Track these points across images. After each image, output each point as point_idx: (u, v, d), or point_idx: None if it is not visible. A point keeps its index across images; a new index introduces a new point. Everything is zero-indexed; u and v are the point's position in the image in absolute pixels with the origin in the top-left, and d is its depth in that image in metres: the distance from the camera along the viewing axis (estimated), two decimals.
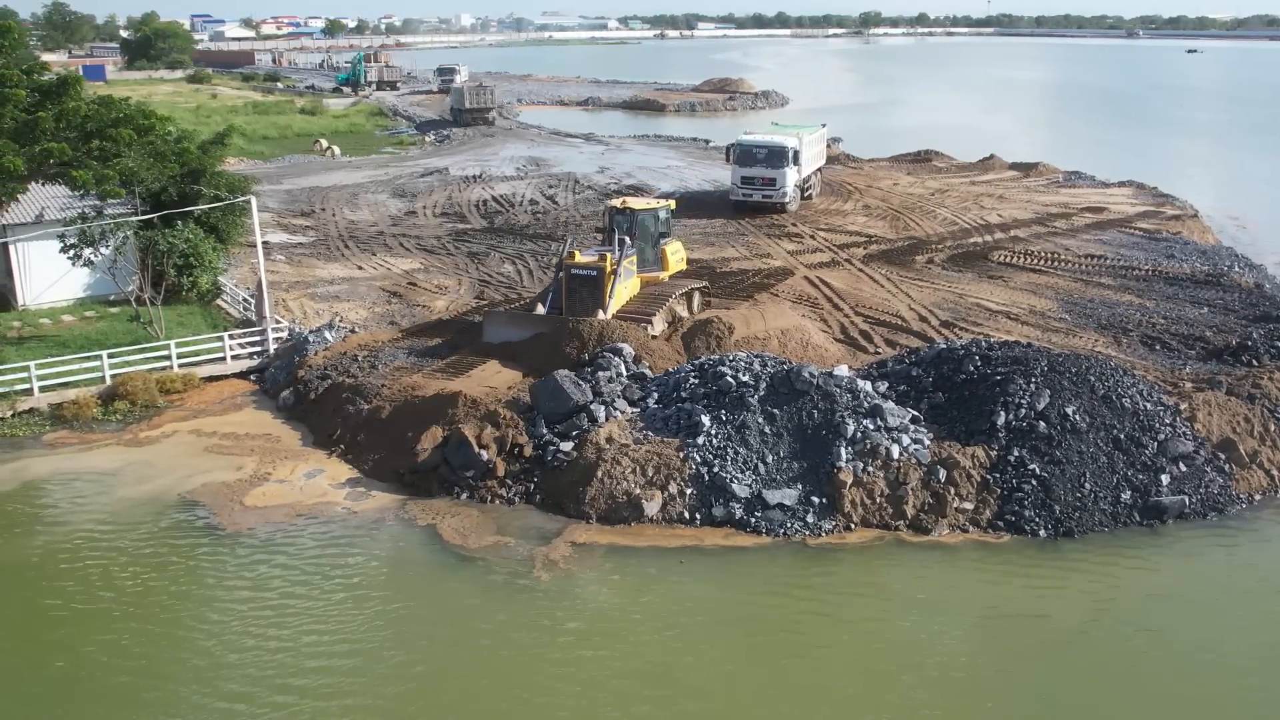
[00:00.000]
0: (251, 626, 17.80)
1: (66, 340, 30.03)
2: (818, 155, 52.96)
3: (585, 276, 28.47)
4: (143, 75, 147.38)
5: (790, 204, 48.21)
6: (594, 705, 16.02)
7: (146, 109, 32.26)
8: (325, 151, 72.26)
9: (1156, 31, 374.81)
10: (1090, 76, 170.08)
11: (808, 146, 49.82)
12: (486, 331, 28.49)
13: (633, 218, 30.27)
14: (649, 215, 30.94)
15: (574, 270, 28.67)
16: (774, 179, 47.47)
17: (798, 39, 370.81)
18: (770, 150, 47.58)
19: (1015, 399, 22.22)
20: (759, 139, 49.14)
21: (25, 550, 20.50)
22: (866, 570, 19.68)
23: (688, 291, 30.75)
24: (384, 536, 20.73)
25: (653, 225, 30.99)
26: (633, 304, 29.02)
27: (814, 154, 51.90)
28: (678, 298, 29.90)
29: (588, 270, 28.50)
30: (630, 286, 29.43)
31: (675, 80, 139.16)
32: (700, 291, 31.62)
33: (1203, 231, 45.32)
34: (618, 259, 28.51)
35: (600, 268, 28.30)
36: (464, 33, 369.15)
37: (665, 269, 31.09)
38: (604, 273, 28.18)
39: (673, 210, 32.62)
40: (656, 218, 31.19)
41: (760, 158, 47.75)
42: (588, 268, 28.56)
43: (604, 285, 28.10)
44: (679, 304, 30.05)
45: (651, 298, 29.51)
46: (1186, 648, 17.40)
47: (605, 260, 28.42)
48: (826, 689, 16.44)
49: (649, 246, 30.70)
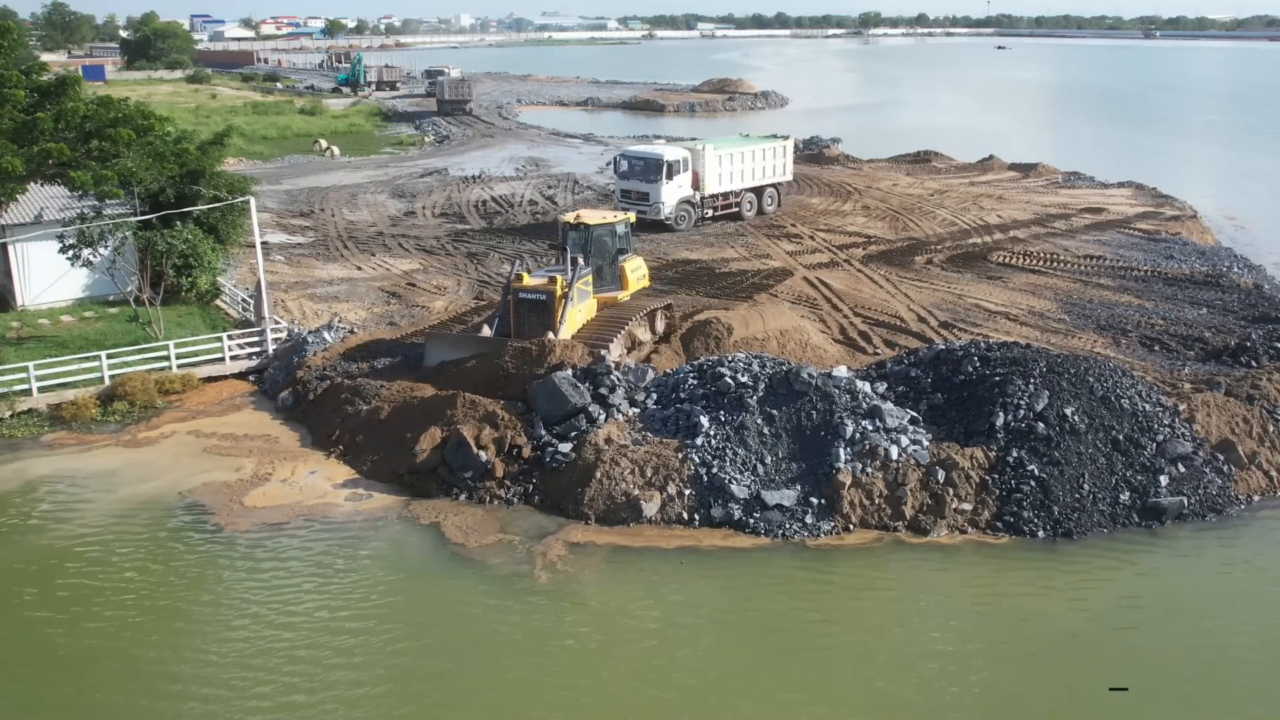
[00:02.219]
0: (251, 626, 17.78)
1: (65, 341, 30.02)
2: (772, 169, 48.82)
3: (534, 302, 26.10)
4: (142, 75, 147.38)
5: (677, 223, 44.79)
6: (593, 705, 16.01)
7: (145, 109, 32.25)
8: (325, 152, 72.27)
9: (1172, 32, 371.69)
10: (1103, 78, 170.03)
11: (736, 160, 46.66)
12: (428, 354, 26.42)
13: (588, 234, 27.87)
14: (605, 231, 28.37)
15: (521, 295, 26.24)
16: (647, 194, 44.40)
17: (797, 39, 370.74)
18: (646, 163, 44.63)
19: (1014, 400, 22.22)
20: (639, 150, 46.85)
21: (23, 550, 20.49)
22: (865, 571, 19.66)
23: (649, 313, 28.34)
24: (383, 537, 20.72)
25: (610, 241, 28.49)
26: (588, 328, 26.66)
27: (762, 167, 48.22)
28: (638, 320, 27.54)
29: (536, 294, 26.10)
30: (586, 309, 27.06)
31: (675, 81, 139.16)
32: (664, 312, 29.27)
33: (1202, 232, 45.36)
34: (569, 281, 26.12)
35: (550, 291, 25.93)
36: (464, 33, 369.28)
37: (625, 288, 28.62)
38: (554, 296, 25.84)
39: (632, 224, 29.81)
40: (614, 233, 28.60)
41: (637, 170, 44.91)
42: (536, 291, 26.16)
43: (554, 311, 25.78)
44: (639, 327, 27.67)
45: (609, 321, 27.05)
46: (1185, 648, 17.39)
47: (555, 283, 26.02)
48: (826, 690, 16.43)
49: (606, 265, 28.28)
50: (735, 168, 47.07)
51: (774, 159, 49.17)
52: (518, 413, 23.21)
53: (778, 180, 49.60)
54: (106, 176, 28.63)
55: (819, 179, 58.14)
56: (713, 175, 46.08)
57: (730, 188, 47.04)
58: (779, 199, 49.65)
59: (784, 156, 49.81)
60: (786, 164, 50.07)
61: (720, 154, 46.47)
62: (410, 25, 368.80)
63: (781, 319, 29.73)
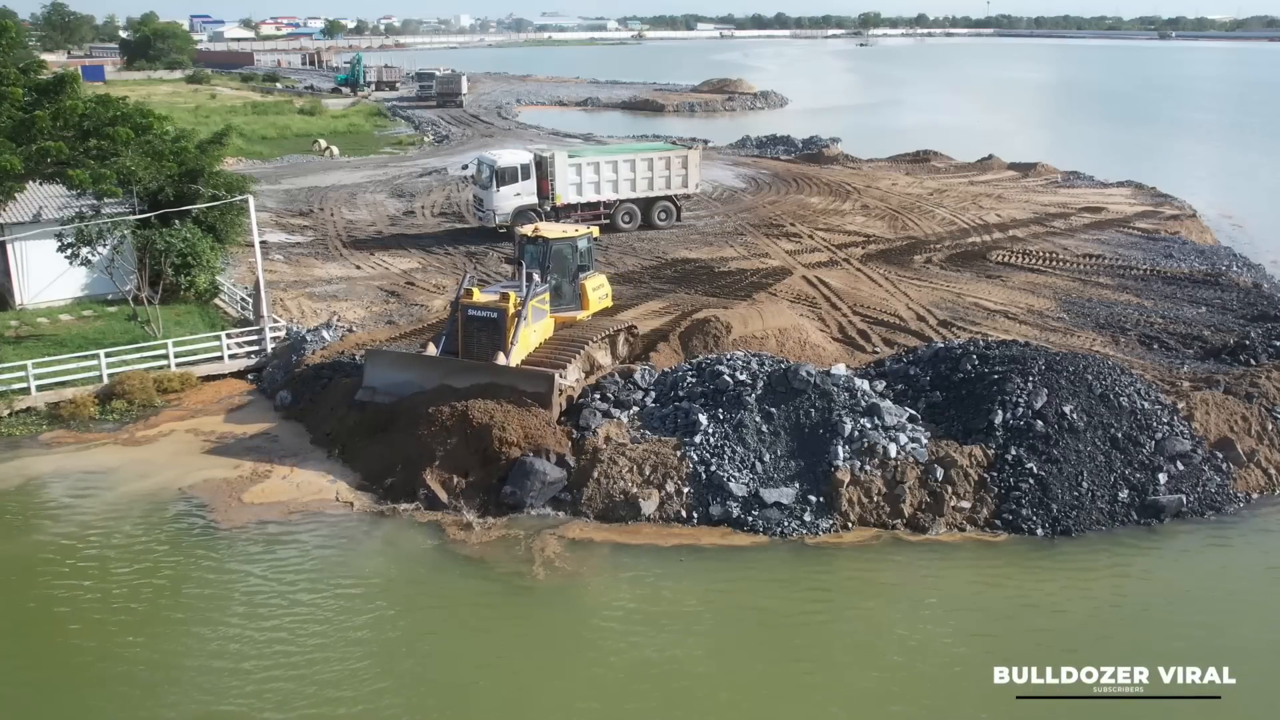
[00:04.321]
0: (249, 623, 17.77)
1: (64, 339, 30.01)
2: (665, 181, 45.12)
3: (484, 319, 24.26)
4: (142, 76, 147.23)
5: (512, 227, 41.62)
6: (592, 704, 16.00)
7: (144, 108, 32.24)
8: (324, 151, 72.27)
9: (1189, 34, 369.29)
10: (1122, 79, 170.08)
11: (602, 170, 43.97)
12: (367, 375, 24.44)
13: (546, 248, 26.00)
14: (566, 245, 26.53)
15: (471, 312, 24.40)
16: (482, 199, 43.94)
17: (797, 39, 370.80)
18: (486, 169, 43.43)
19: (1013, 398, 22.21)
20: (487, 155, 45.05)
21: (20, 548, 20.48)
22: (864, 569, 19.65)
23: (611, 335, 26.49)
24: (381, 534, 20.71)
25: (571, 257, 26.65)
26: (543, 350, 24.79)
27: (648, 179, 44.81)
28: (597, 342, 25.58)
29: (486, 312, 24.24)
30: (542, 329, 25.23)
31: (674, 81, 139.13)
32: (626, 334, 27.39)
33: (1201, 231, 45.35)
34: (524, 298, 24.34)
35: (502, 309, 24.03)
36: (463, 33, 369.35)
37: (585, 308, 26.84)
38: (505, 315, 23.96)
39: (595, 239, 28.11)
40: (574, 248, 26.77)
41: (483, 176, 43.83)
42: (486, 309, 24.29)
43: (506, 330, 23.91)
44: (599, 350, 25.79)
45: (566, 342, 25.14)
46: (1184, 648, 17.35)
47: (508, 300, 24.15)
48: (825, 688, 16.43)
49: (566, 282, 26.50)
50: (601, 178, 44.17)
51: (666, 170, 45.25)
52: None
53: (673, 193, 45.54)
54: (105, 175, 28.64)
55: (818, 178, 58.15)
56: (566, 185, 43.52)
57: (596, 198, 44.19)
58: (676, 213, 45.72)
59: (684, 168, 45.55)
60: (688, 176, 45.72)
61: (576, 163, 43.98)
62: (410, 26, 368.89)
63: (780, 317, 29.71)
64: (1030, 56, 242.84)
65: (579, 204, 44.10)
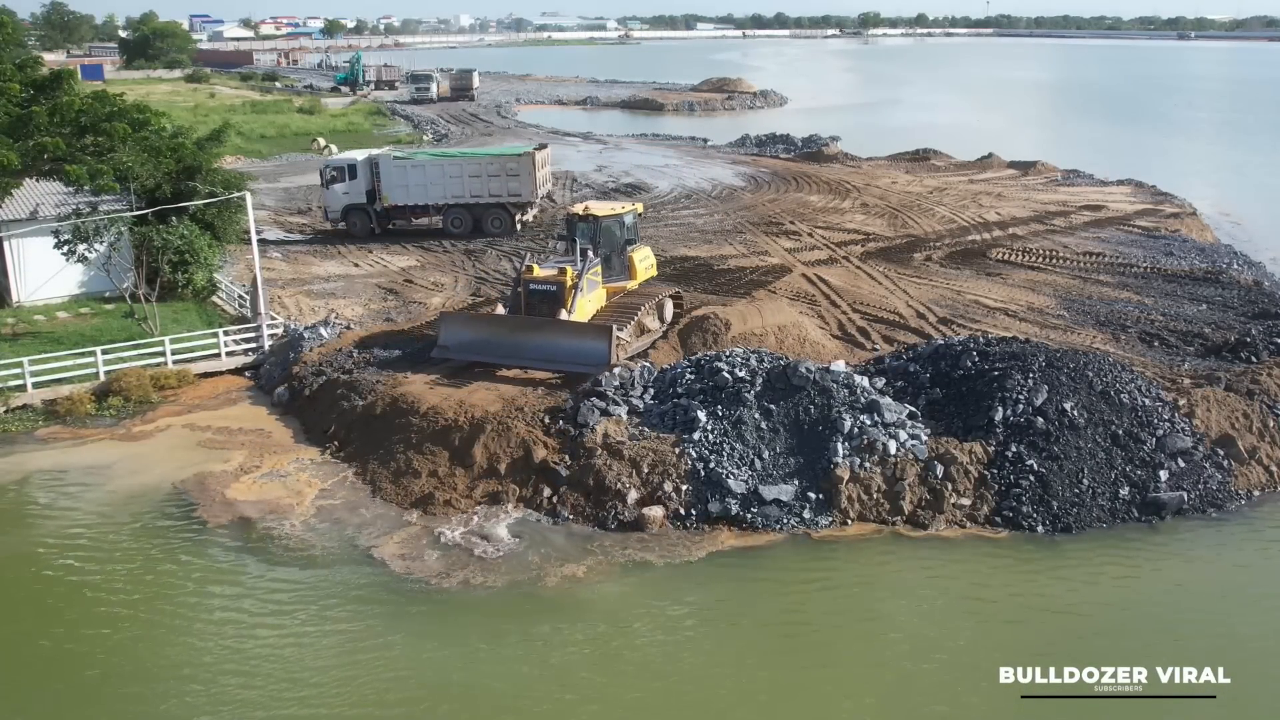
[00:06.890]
0: (244, 621, 17.68)
1: (61, 337, 29.91)
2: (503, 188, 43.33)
3: (545, 292, 26.65)
4: (141, 75, 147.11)
5: (350, 228, 43.48)
6: (592, 704, 15.90)
7: (141, 104, 32.15)
8: (324, 150, 72.13)
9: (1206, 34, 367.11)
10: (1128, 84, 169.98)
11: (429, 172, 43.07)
12: (443, 334, 26.25)
13: (596, 225, 28.23)
14: (614, 222, 28.74)
15: (533, 286, 26.88)
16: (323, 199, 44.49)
17: (797, 39, 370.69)
18: (323, 168, 44.32)
19: (1013, 394, 22.11)
20: (336, 158, 45.55)
21: (17, 544, 20.40)
22: (865, 566, 19.56)
23: (658, 301, 28.95)
24: (380, 531, 20.59)
25: (619, 232, 28.87)
26: (598, 317, 27.18)
27: (486, 185, 43.30)
28: (647, 309, 28.03)
29: (547, 285, 26.67)
30: (595, 299, 27.54)
31: (674, 80, 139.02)
32: (672, 299, 29.84)
33: (1201, 229, 45.25)
34: (579, 271, 26.70)
35: (560, 282, 26.48)
36: (463, 33, 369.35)
37: (633, 277, 29.13)
38: (564, 287, 26.39)
39: (640, 214, 30.42)
40: (622, 224, 29.01)
41: (325, 176, 43.84)
42: (547, 283, 26.71)
43: (564, 300, 26.27)
44: (648, 315, 28.20)
45: (619, 309, 27.64)
46: (1183, 647, 17.26)
47: (565, 274, 26.61)
48: (825, 686, 16.34)
49: (615, 255, 28.71)
50: (428, 180, 43.01)
51: (506, 177, 43.12)
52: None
53: (509, 200, 43.44)
54: (102, 171, 28.59)
55: (818, 177, 58.05)
56: (392, 186, 43.00)
57: (423, 201, 43.37)
58: (510, 223, 43.52)
59: (523, 174, 43.06)
60: (531, 185, 43.27)
61: (403, 165, 43.35)
62: (409, 25, 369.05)
63: (780, 315, 29.61)
64: (1030, 56, 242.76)
65: (407, 206, 43.69)
